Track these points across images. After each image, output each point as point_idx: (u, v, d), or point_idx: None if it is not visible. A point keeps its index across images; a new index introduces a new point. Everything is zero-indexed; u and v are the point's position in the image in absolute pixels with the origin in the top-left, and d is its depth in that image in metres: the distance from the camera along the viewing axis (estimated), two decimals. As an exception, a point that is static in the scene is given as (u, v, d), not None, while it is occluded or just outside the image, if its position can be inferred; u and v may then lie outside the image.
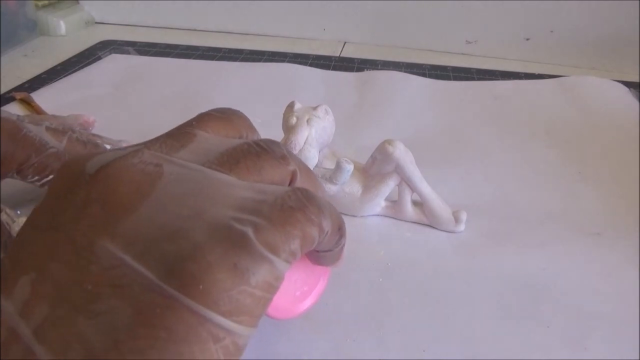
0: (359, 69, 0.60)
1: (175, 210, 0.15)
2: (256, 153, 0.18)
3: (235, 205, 0.15)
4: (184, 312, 0.13)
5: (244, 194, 0.16)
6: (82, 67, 0.58)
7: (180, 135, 0.18)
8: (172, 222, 0.15)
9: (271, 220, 0.15)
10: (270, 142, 0.18)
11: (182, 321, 0.13)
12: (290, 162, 0.18)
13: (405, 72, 0.59)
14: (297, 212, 0.16)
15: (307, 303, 0.22)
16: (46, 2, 0.70)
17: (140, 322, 0.13)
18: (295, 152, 0.32)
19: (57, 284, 0.14)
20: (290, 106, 0.34)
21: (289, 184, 0.18)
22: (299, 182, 0.19)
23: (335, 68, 0.61)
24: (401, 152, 0.32)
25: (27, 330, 0.14)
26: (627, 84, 0.57)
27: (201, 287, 0.14)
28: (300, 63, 0.60)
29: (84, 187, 0.16)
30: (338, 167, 0.32)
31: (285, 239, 0.15)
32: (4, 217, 0.27)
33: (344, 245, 0.20)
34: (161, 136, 0.18)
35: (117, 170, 0.16)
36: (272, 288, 0.15)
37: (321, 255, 0.20)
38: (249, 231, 0.15)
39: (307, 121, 0.32)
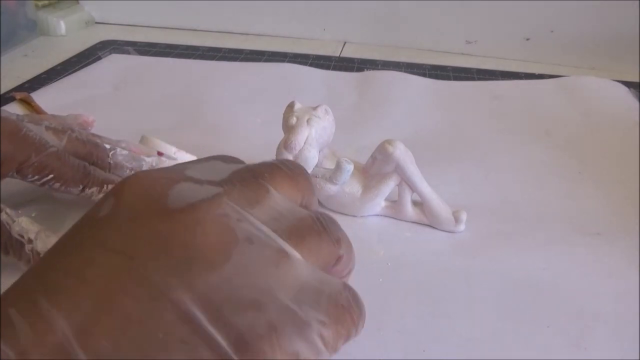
0: (359, 69, 0.60)
1: (251, 279, 0.15)
2: (318, 232, 0.18)
3: (300, 289, 0.16)
4: None
5: (307, 279, 0.16)
6: (82, 67, 0.58)
7: (256, 187, 0.18)
8: (247, 291, 0.15)
9: (329, 316, 0.16)
10: (330, 221, 0.19)
11: None
12: (341, 246, 0.19)
13: (405, 72, 0.59)
14: (346, 314, 0.17)
15: None
16: (46, 2, 0.70)
17: None
18: (295, 152, 0.32)
19: (125, 320, 0.14)
20: (290, 106, 0.34)
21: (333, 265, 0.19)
22: (341, 264, 0.19)
23: (335, 68, 0.61)
24: (401, 152, 0.32)
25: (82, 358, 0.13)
26: (627, 84, 0.57)
27: None
28: (300, 63, 0.60)
29: (166, 220, 0.15)
30: (338, 167, 0.32)
31: (336, 337, 0.16)
32: (4, 217, 0.27)
33: None
34: (235, 179, 0.18)
35: (204, 217, 0.16)
36: None
37: None
38: (314, 324, 0.15)
39: (307, 121, 0.32)
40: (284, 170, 0.19)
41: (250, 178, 0.18)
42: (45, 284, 0.14)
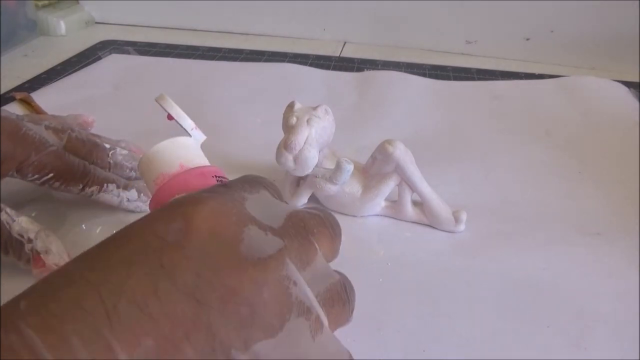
0: (359, 69, 0.60)
1: (294, 348, 0.16)
2: (343, 302, 0.19)
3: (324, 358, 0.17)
4: None
5: (329, 350, 0.18)
6: (82, 67, 0.58)
7: (308, 246, 0.19)
8: None
9: None
10: (351, 289, 0.20)
11: None
12: (352, 315, 0.20)
13: (405, 72, 0.59)
14: None
15: None
16: (46, 2, 0.70)
17: None
18: (295, 152, 0.32)
19: None
20: (290, 106, 0.34)
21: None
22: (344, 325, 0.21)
23: (335, 68, 0.61)
24: (401, 152, 0.32)
25: None
26: (627, 84, 0.57)
27: None
28: (300, 63, 0.60)
29: (237, 270, 0.16)
30: (338, 167, 0.32)
31: None
32: (4, 216, 0.27)
33: None
34: (292, 232, 0.19)
35: (271, 278, 0.16)
36: None
37: None
38: None
39: (307, 121, 0.32)
40: (328, 229, 0.20)
41: (303, 233, 0.19)
42: (107, 311, 0.14)
